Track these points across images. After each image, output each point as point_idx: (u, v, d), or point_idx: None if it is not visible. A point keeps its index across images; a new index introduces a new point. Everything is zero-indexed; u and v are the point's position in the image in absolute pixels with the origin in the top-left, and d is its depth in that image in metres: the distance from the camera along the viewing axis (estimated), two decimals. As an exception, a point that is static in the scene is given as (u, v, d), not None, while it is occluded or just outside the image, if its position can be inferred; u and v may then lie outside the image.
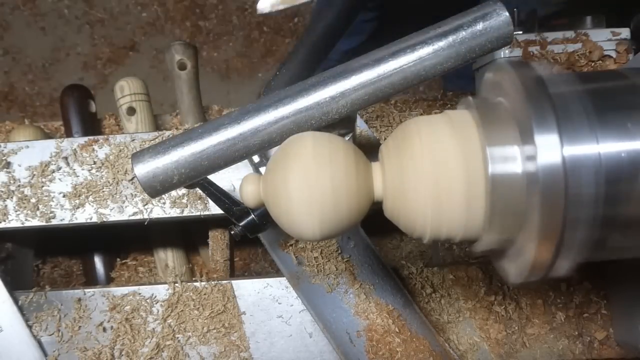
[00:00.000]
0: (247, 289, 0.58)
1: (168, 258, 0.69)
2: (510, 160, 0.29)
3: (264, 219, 0.43)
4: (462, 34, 0.35)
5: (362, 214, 0.33)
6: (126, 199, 0.59)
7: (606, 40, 0.60)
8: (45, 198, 0.59)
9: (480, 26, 0.35)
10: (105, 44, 1.80)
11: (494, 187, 0.29)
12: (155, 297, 0.58)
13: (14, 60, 1.80)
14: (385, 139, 0.45)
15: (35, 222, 0.58)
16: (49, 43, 1.81)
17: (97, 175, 0.59)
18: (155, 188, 0.37)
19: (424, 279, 0.58)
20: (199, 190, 0.57)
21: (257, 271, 0.77)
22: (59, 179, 0.59)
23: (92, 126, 0.68)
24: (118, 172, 0.59)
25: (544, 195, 0.27)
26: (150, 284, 0.59)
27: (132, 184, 0.59)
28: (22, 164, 0.60)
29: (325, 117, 0.36)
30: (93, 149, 0.60)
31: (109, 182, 0.59)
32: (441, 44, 0.35)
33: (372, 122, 0.62)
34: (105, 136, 0.60)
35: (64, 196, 0.59)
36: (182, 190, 0.59)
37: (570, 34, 0.61)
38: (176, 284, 0.58)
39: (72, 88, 0.69)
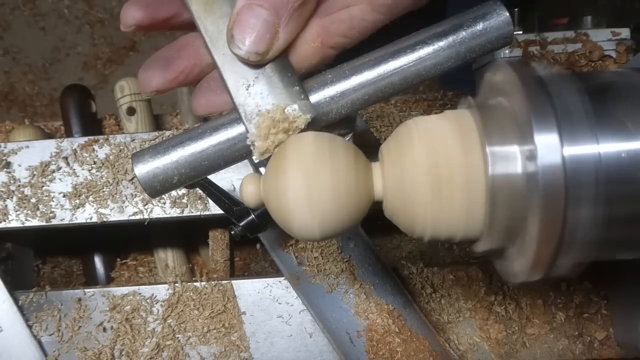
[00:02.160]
0: (247, 289, 0.58)
1: (168, 258, 0.69)
2: (511, 160, 0.29)
3: (264, 219, 0.42)
4: (462, 34, 0.35)
5: (362, 214, 0.33)
6: (126, 199, 0.59)
7: (606, 40, 0.60)
8: (45, 198, 0.59)
9: (480, 26, 0.35)
10: (105, 44, 1.80)
11: (494, 187, 0.29)
12: (155, 297, 0.58)
13: (14, 60, 1.80)
14: (385, 139, 0.45)
15: (35, 222, 0.58)
16: (49, 43, 1.81)
17: (97, 175, 0.59)
18: (155, 188, 0.37)
19: (424, 279, 0.58)
20: (199, 190, 0.57)
21: (257, 271, 0.77)
22: (59, 179, 0.59)
23: (92, 126, 0.68)
24: (118, 172, 0.59)
25: (544, 195, 0.27)
26: (150, 284, 0.59)
27: (132, 184, 0.59)
28: (22, 164, 0.60)
29: (325, 117, 0.36)
30: (93, 149, 0.60)
31: (109, 182, 0.59)
32: (441, 44, 0.35)
33: (372, 122, 0.62)
34: (105, 136, 0.60)
35: (64, 196, 0.59)
36: (182, 190, 0.59)
37: (570, 34, 0.61)
38: (176, 284, 0.58)
39: (72, 88, 0.69)
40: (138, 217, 0.59)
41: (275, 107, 0.35)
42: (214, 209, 0.59)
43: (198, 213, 0.59)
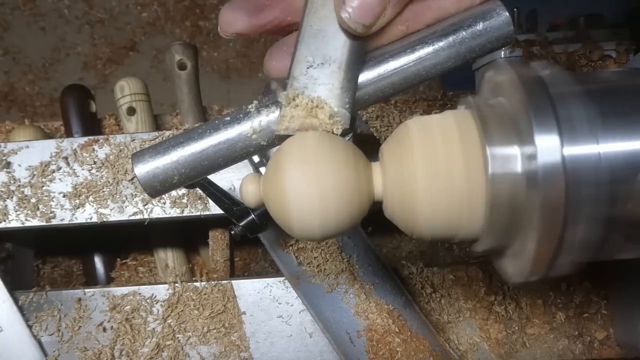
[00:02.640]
0: (247, 289, 0.58)
1: (168, 258, 0.69)
2: (510, 160, 0.29)
3: (264, 219, 0.43)
4: (462, 34, 0.35)
5: (362, 214, 0.33)
6: (126, 199, 0.59)
7: (606, 40, 0.60)
8: (45, 198, 0.59)
9: (480, 26, 0.35)
10: (105, 44, 1.80)
11: (494, 187, 0.29)
12: (155, 297, 0.58)
13: (14, 60, 1.80)
14: (385, 139, 0.45)
15: (35, 222, 0.58)
16: (49, 43, 1.81)
17: (97, 175, 0.59)
18: (156, 188, 0.37)
19: (424, 279, 0.58)
20: (199, 190, 0.57)
21: (257, 271, 0.77)
22: (59, 179, 0.59)
23: (92, 126, 0.68)
24: (118, 172, 0.59)
25: (544, 195, 0.27)
26: (150, 284, 0.59)
27: (132, 184, 0.59)
28: (22, 164, 0.60)
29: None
30: (93, 149, 0.60)
31: (109, 182, 0.59)
32: (441, 44, 0.35)
33: (372, 122, 0.62)
34: (105, 136, 0.60)
35: (64, 196, 0.59)
36: (182, 190, 0.59)
37: (570, 34, 0.61)
38: (176, 284, 0.58)
39: (72, 88, 0.69)
40: (138, 217, 0.59)
41: (322, 101, 0.34)
42: (214, 209, 0.59)
43: (198, 213, 0.59)
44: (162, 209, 0.59)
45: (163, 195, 0.58)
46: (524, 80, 0.29)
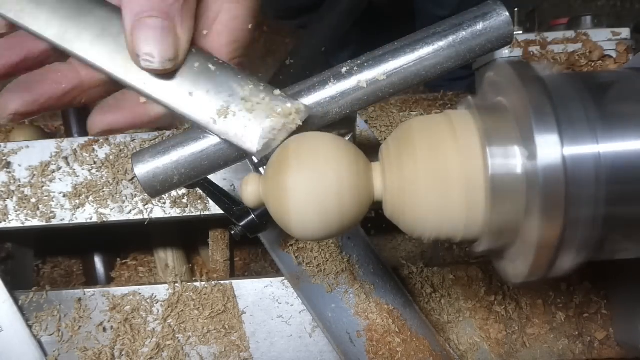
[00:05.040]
0: (247, 289, 0.58)
1: (168, 258, 0.69)
2: (511, 160, 0.29)
3: (264, 219, 0.43)
4: (462, 34, 0.35)
5: (362, 214, 0.33)
6: (126, 199, 0.59)
7: (606, 40, 0.60)
8: (45, 198, 0.59)
9: (480, 26, 0.35)
10: (105, 44, 1.80)
11: (494, 187, 0.29)
12: (155, 297, 0.58)
13: (14, 60, 1.80)
14: (385, 139, 0.46)
15: (35, 222, 0.58)
16: (49, 43, 1.81)
17: (97, 175, 0.59)
18: (156, 188, 0.37)
19: (424, 279, 0.58)
20: (199, 190, 0.57)
21: (257, 271, 0.77)
22: (59, 179, 0.59)
23: (92, 126, 0.68)
24: (118, 172, 0.59)
25: (544, 195, 0.27)
26: (150, 284, 0.59)
27: (132, 184, 0.59)
28: (22, 164, 0.60)
29: (325, 117, 0.36)
30: (93, 149, 0.60)
31: (109, 182, 0.59)
32: (441, 44, 0.35)
33: (372, 122, 0.62)
34: (105, 136, 0.60)
35: (64, 196, 0.59)
36: (182, 190, 0.59)
37: (570, 34, 0.61)
38: (176, 284, 0.58)
39: (72, 88, 0.69)
40: (138, 217, 0.59)
41: (281, 107, 0.34)
42: (214, 209, 0.58)
43: (198, 213, 0.59)
44: (162, 209, 0.59)
45: (163, 195, 0.58)
46: (524, 80, 0.29)
